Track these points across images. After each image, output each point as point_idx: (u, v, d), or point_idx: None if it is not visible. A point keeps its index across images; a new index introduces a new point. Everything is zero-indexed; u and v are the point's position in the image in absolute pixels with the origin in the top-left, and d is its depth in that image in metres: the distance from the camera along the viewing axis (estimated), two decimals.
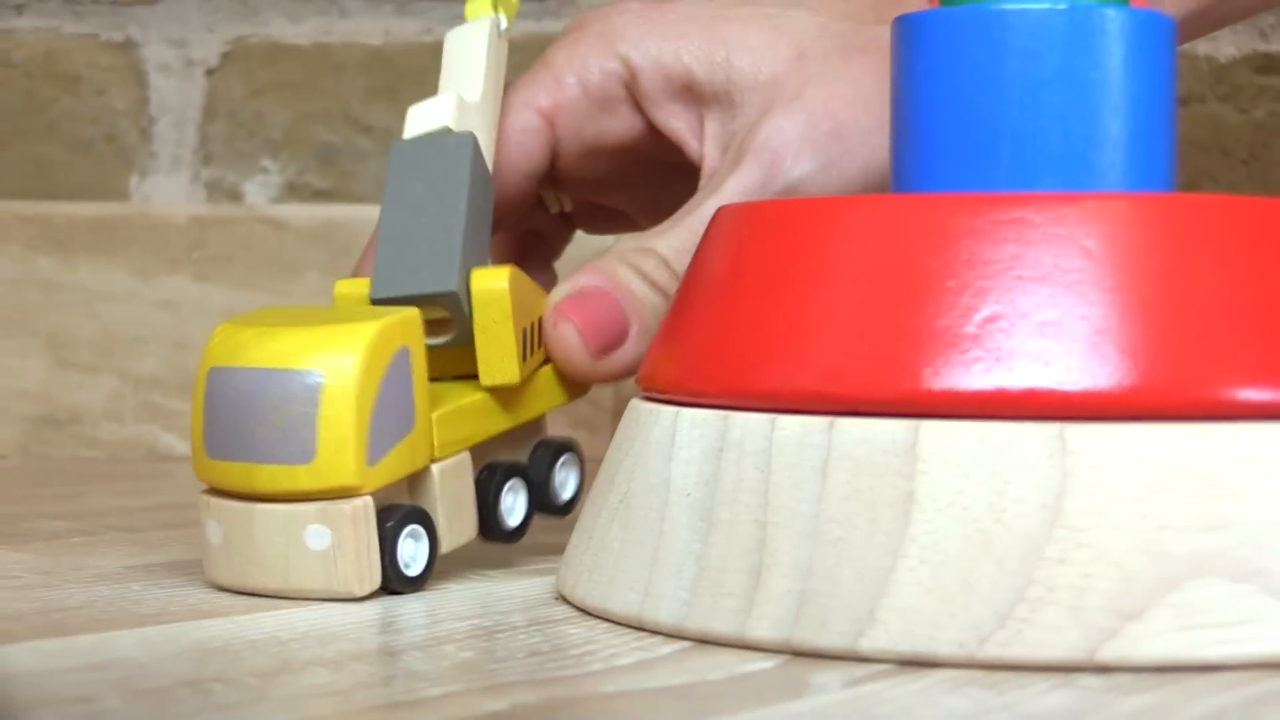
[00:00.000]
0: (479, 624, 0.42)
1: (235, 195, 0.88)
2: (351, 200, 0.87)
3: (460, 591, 0.46)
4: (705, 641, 0.39)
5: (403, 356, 0.45)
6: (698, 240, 0.46)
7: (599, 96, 0.54)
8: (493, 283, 0.47)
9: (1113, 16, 0.42)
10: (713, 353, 0.42)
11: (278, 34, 0.88)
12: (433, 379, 0.47)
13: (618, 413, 0.83)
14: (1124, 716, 0.34)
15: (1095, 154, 0.42)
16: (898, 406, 0.39)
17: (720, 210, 0.45)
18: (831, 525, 0.38)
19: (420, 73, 0.87)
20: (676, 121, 0.54)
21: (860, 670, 0.37)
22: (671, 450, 0.42)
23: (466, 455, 0.47)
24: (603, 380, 0.51)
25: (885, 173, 0.52)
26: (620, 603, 0.41)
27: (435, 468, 0.46)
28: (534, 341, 0.49)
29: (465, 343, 0.47)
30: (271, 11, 0.88)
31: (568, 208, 0.60)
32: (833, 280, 0.40)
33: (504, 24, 0.53)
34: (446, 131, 0.49)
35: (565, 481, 0.51)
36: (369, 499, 0.44)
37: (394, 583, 0.45)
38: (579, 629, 0.41)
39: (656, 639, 0.40)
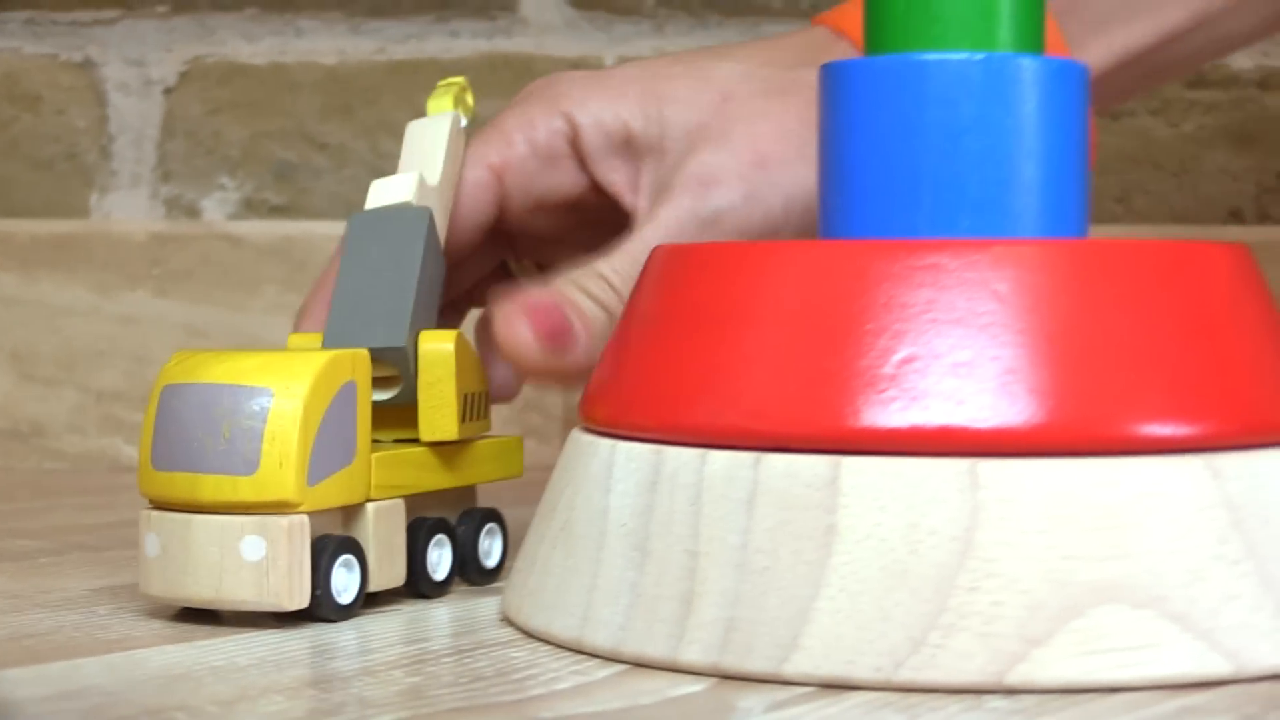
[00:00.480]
0: (428, 648, 0.44)
1: (193, 212, 0.89)
2: (308, 216, 0.89)
3: (413, 613, 0.48)
4: (640, 665, 0.41)
5: (349, 390, 0.47)
6: (639, 267, 0.48)
7: (545, 153, 0.57)
8: (439, 343, 0.50)
9: (1027, 65, 0.44)
10: (647, 389, 0.44)
11: (234, 54, 0.89)
12: (374, 440, 0.49)
13: (568, 421, 0.85)
14: None
15: (1011, 198, 0.44)
16: (820, 443, 0.40)
17: (655, 250, 0.47)
18: (758, 555, 0.40)
19: (374, 91, 0.89)
20: (615, 176, 0.57)
21: (784, 693, 0.39)
22: (609, 482, 0.44)
23: (401, 503, 0.49)
24: (555, 375, 0.52)
25: (807, 200, 0.55)
26: (561, 627, 0.43)
27: (370, 506, 0.48)
28: (473, 409, 0.51)
29: (409, 400, 0.50)
30: (228, 31, 0.89)
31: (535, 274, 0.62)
32: (760, 322, 0.42)
33: (463, 122, 0.56)
34: (406, 206, 0.51)
35: (490, 549, 0.52)
36: (305, 518, 0.46)
37: (325, 609, 0.46)
38: (522, 652, 0.43)
39: (594, 662, 0.42)
